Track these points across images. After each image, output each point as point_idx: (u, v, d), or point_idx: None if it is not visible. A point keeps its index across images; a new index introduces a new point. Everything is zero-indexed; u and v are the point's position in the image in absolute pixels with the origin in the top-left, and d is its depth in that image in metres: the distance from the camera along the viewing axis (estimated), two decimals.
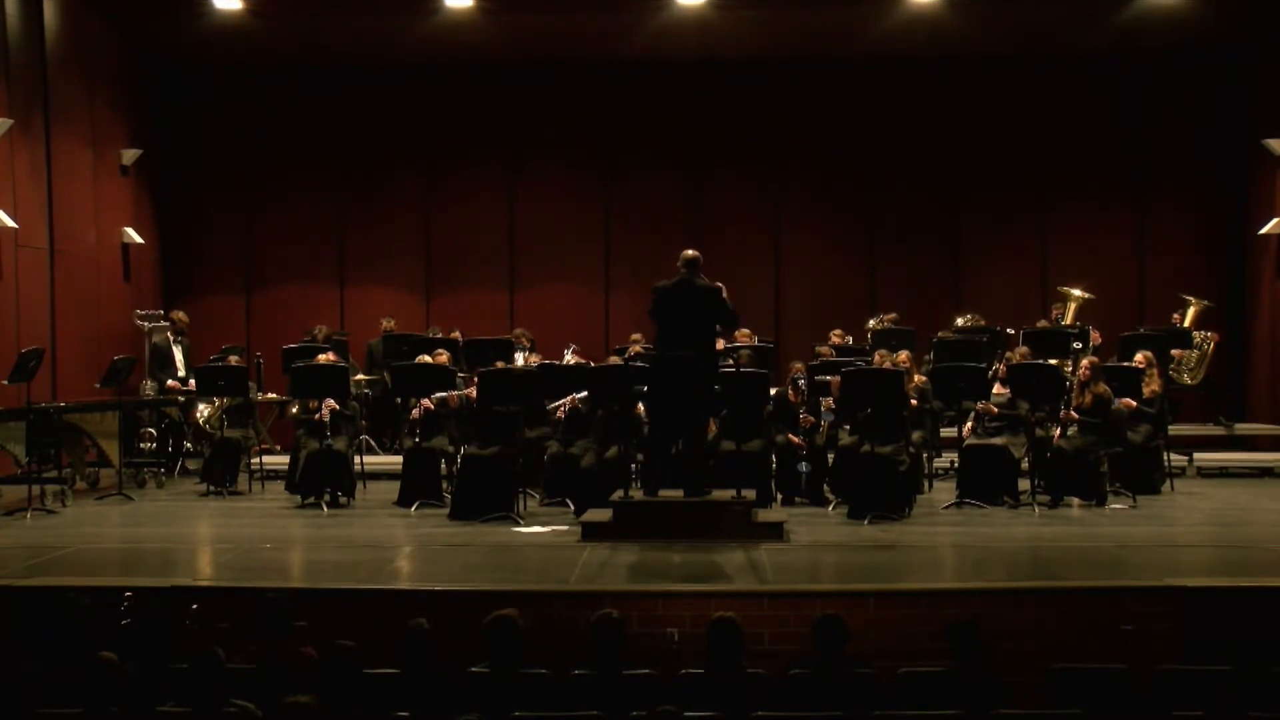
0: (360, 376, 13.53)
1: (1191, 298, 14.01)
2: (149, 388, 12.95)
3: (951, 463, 11.51)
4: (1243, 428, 14.33)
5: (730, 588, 7.40)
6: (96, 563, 8.55)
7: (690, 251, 9.19)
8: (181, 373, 12.84)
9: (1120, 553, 8.55)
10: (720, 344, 10.56)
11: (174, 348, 12.96)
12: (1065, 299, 14.16)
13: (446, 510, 10.24)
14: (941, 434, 11.89)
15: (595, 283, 16.23)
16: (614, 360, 11.47)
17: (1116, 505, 10.41)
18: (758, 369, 10.53)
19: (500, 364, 11.36)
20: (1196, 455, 12.81)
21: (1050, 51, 15.60)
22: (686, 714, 5.06)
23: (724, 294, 9.06)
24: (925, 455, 11.25)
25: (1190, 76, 15.70)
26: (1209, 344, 13.72)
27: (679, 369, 8.96)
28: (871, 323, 13.94)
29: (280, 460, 12.07)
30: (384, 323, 14.53)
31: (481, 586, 7.43)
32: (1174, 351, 13.35)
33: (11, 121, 12.32)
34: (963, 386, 10.52)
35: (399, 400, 12.41)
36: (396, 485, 10.89)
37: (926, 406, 10.92)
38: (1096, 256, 15.62)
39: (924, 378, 11.01)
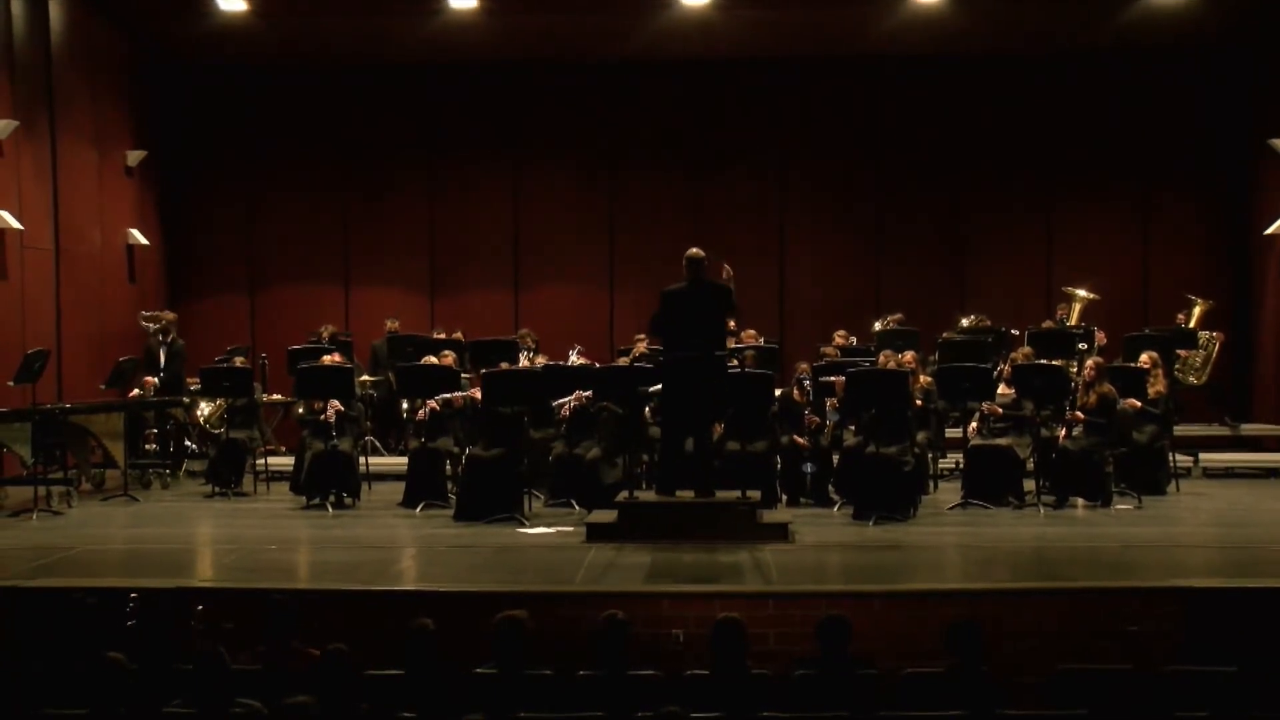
0: (365, 377, 13.54)
1: (1197, 298, 13.99)
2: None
3: (956, 463, 11.51)
4: (1248, 428, 14.30)
5: (735, 588, 7.40)
6: (102, 564, 8.58)
7: (695, 250, 9.14)
8: (161, 373, 12.55)
9: (1125, 553, 8.54)
10: (730, 343, 10.58)
11: (160, 349, 12.70)
12: (1070, 299, 14.14)
13: (451, 511, 10.23)
14: (946, 434, 11.88)
15: (600, 283, 16.22)
16: (620, 361, 11.48)
17: (1121, 506, 10.39)
18: (763, 370, 10.53)
19: (505, 365, 11.36)
20: (1202, 456, 12.76)
21: (1055, 51, 15.57)
22: (691, 715, 5.06)
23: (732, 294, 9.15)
24: (930, 456, 11.22)
25: (1196, 76, 15.67)
26: (1214, 344, 13.70)
27: (692, 369, 8.96)
28: (876, 324, 13.93)
29: (285, 461, 12.07)
30: (388, 323, 14.52)
31: (486, 587, 7.44)
32: (1179, 352, 13.30)
33: (16, 123, 12.34)
34: (968, 387, 10.52)
35: (404, 401, 12.41)
36: (401, 486, 10.89)
37: (931, 407, 10.92)
38: (1101, 257, 15.59)
39: (929, 378, 11.01)
